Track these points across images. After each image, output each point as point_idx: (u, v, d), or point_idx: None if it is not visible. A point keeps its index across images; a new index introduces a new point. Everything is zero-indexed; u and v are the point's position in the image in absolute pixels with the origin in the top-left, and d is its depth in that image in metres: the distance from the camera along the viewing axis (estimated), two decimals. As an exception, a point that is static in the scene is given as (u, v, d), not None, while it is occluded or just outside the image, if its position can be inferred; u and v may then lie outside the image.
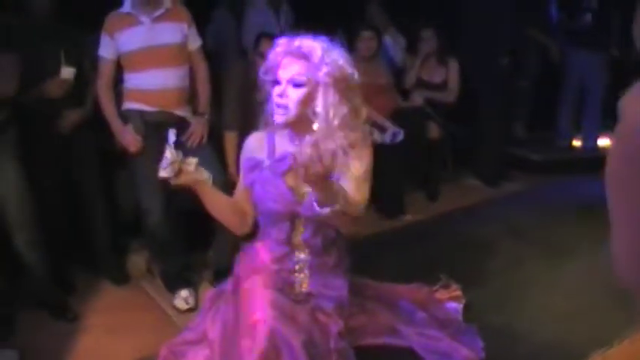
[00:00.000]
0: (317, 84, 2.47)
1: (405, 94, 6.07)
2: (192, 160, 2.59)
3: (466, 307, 3.30)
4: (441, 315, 2.96)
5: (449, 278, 3.45)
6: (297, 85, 2.48)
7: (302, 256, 2.67)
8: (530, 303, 3.61)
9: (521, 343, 3.18)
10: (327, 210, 2.33)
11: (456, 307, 3.21)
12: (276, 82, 2.54)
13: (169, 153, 2.55)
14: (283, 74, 2.51)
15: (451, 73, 6.02)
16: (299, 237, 2.66)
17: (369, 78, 5.42)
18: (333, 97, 2.47)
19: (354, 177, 2.54)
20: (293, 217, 2.63)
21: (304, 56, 2.49)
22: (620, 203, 1.14)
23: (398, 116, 5.49)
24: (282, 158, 2.61)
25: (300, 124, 2.55)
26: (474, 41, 6.12)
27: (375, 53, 5.55)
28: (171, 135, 2.60)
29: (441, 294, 3.30)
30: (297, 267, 2.68)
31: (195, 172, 2.57)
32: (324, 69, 2.45)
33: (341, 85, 2.49)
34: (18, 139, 3.83)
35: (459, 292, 3.34)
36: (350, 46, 5.58)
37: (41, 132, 4.07)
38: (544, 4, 7.12)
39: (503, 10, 6.10)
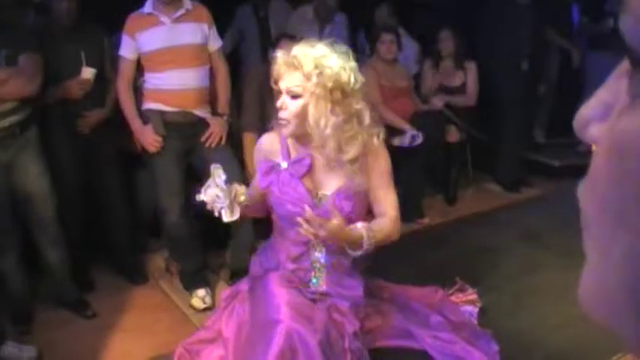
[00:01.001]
0: (310, 94, 2.46)
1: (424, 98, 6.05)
2: (241, 191, 2.58)
3: (481, 311, 3.29)
4: (456, 318, 2.95)
5: (465, 282, 3.45)
6: (294, 97, 2.49)
7: (318, 255, 2.68)
8: (546, 308, 3.59)
9: (536, 348, 3.17)
10: (359, 253, 2.40)
11: (471, 310, 3.20)
12: (279, 92, 2.56)
13: (221, 192, 2.50)
14: (282, 85, 2.53)
15: (469, 76, 6.00)
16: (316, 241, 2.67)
17: (389, 81, 5.44)
18: (324, 107, 2.45)
19: (384, 192, 2.62)
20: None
21: (297, 67, 2.48)
22: (604, 235, 1.16)
23: (417, 119, 5.48)
24: (300, 160, 2.62)
25: (302, 134, 2.57)
26: (495, 45, 6.10)
27: (395, 56, 5.55)
28: (222, 174, 2.54)
29: (457, 297, 3.30)
30: (313, 266, 2.69)
31: (244, 201, 2.58)
32: (314, 79, 2.44)
33: (335, 93, 2.46)
34: (40, 138, 3.87)
35: (474, 296, 3.34)
36: (371, 49, 5.59)
37: (63, 131, 4.11)
38: (565, 8, 7.07)
39: (523, 14, 6.08)
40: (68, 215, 4.11)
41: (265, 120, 4.44)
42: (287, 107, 2.50)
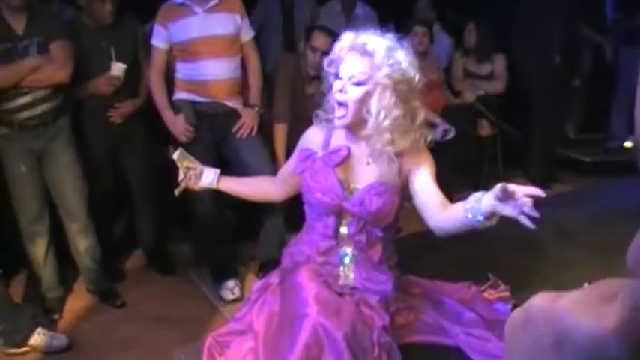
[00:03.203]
0: (376, 83, 2.45)
1: (456, 91, 6.02)
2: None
3: (514, 309, 3.26)
4: (488, 315, 2.92)
5: (497, 278, 3.41)
6: (357, 84, 2.47)
7: (347, 249, 2.67)
8: (579, 306, 3.55)
9: (568, 347, 3.13)
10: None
11: (504, 307, 3.17)
12: (337, 77, 2.53)
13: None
14: (345, 70, 2.49)
15: (497, 65, 5.97)
16: (344, 232, 2.66)
17: (421, 74, 5.40)
18: (388, 99, 2.45)
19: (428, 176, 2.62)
20: (339, 212, 2.62)
21: (368, 54, 2.46)
22: None
23: (449, 113, 5.44)
24: (337, 150, 2.61)
25: (355, 123, 2.55)
26: (527, 39, 6.04)
27: (426, 49, 5.51)
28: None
29: (489, 294, 3.26)
30: (342, 261, 2.68)
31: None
32: (385, 70, 2.43)
33: (401, 87, 2.46)
34: (72, 129, 3.89)
35: (507, 293, 3.29)
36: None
37: (95, 122, 4.13)
38: (599, 2, 6.99)
39: (556, 8, 6.01)
40: (98, 204, 4.12)
41: (296, 111, 4.44)
42: (347, 92, 2.48)
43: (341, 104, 2.50)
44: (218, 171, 2.97)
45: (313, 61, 4.44)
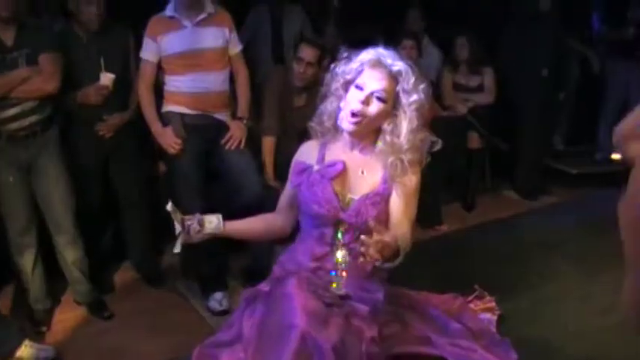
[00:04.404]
0: (399, 105, 2.54)
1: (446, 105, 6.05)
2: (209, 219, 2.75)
3: (500, 319, 3.27)
4: (474, 326, 2.94)
5: (483, 289, 3.43)
6: (380, 100, 2.51)
7: (341, 256, 2.68)
8: (565, 317, 3.57)
9: (555, 357, 3.14)
10: (389, 265, 2.39)
11: (490, 318, 3.18)
12: (357, 87, 2.55)
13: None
14: (370, 84, 2.52)
15: (487, 78, 6.02)
16: (340, 238, 2.67)
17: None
18: (417, 123, 2.56)
19: (405, 194, 2.61)
20: (336, 223, 2.64)
21: (393, 76, 2.53)
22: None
23: (438, 125, 5.46)
24: (333, 164, 2.63)
25: (363, 135, 2.59)
26: (516, 52, 6.10)
27: (415, 62, 5.54)
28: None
29: (475, 305, 3.27)
30: (335, 267, 2.68)
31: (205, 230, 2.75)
32: (415, 96, 2.52)
33: (423, 111, 2.57)
34: (61, 140, 3.90)
35: (493, 304, 3.31)
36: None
37: (84, 134, 4.13)
38: (586, 15, 7.05)
39: (543, 22, 6.06)
40: (87, 216, 4.12)
41: (284, 123, 4.46)
42: (368, 104, 2.52)
43: (355, 114, 2.53)
44: (220, 215, 2.80)
45: (298, 72, 4.46)
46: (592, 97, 7.08)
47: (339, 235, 2.65)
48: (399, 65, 2.54)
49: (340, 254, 2.67)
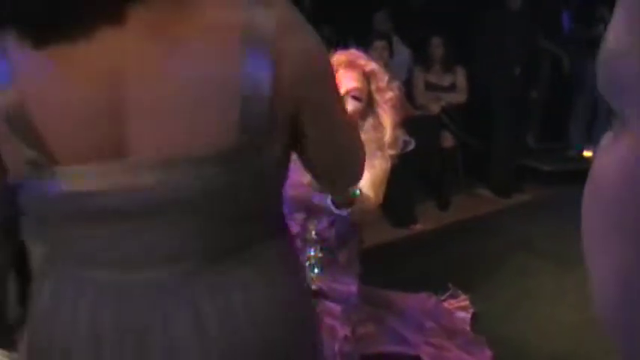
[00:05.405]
0: (373, 102, 2.59)
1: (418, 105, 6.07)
2: None
3: (475, 318, 3.29)
4: (449, 325, 2.96)
5: (457, 288, 3.45)
6: (355, 98, 2.54)
7: (314, 251, 2.68)
8: (540, 314, 3.60)
9: (529, 354, 3.17)
10: (345, 212, 2.38)
11: (464, 317, 3.21)
12: None
13: None
14: (345, 83, 2.55)
15: (459, 77, 6.04)
16: (313, 230, 2.66)
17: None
18: (398, 118, 2.66)
19: (374, 174, 2.61)
20: (308, 208, 2.64)
21: (366, 75, 2.57)
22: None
23: (410, 125, 5.47)
24: None
25: None
26: (487, 51, 6.13)
27: (386, 62, 5.55)
28: None
29: (450, 304, 3.30)
30: (308, 262, 2.68)
31: None
32: (391, 93, 2.59)
33: (399, 107, 2.67)
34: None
35: (467, 302, 3.34)
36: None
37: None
38: (556, 14, 7.10)
39: (515, 21, 6.10)
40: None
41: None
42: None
43: None
44: None
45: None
46: (564, 95, 7.15)
47: (313, 228, 2.66)
48: (371, 65, 2.58)
49: (313, 250, 2.68)
